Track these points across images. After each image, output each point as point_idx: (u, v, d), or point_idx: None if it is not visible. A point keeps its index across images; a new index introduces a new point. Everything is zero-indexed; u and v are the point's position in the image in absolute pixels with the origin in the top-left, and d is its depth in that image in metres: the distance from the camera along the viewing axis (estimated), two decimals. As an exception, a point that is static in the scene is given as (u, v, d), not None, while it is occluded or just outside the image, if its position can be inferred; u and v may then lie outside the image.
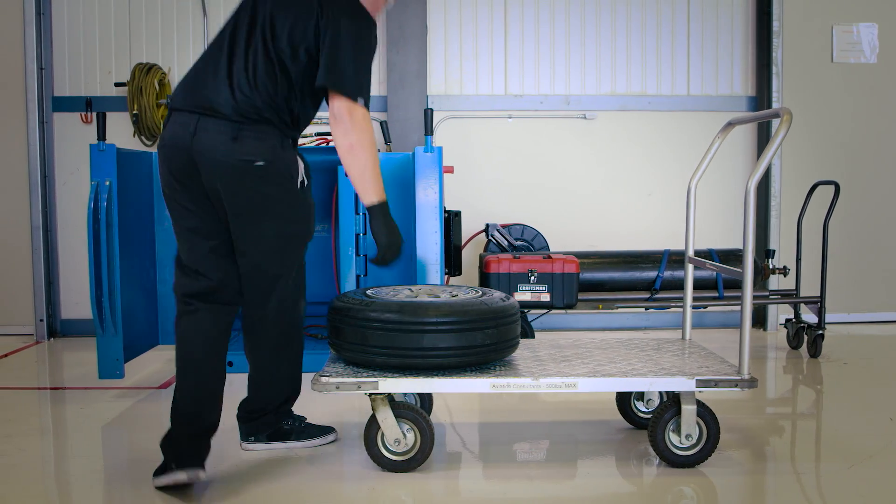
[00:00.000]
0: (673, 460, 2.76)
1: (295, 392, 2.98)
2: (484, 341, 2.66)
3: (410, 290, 2.94)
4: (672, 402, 2.75)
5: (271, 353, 2.83)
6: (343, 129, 2.53)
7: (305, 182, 2.68)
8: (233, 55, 2.56)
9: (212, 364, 2.63)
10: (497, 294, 2.84)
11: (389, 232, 2.67)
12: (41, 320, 5.19)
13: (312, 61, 2.56)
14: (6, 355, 4.73)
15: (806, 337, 4.64)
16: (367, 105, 2.54)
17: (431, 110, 3.85)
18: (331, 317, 2.78)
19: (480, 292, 2.87)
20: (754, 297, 4.57)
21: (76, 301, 5.32)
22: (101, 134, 3.70)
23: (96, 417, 3.44)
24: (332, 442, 3.02)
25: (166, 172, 2.61)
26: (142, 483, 2.69)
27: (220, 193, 2.53)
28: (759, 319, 5.51)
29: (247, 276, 2.66)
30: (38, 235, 5.16)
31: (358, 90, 2.53)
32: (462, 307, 2.67)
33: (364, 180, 2.62)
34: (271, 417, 2.93)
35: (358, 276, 4.13)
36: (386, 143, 5.00)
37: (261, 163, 2.51)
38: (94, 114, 3.80)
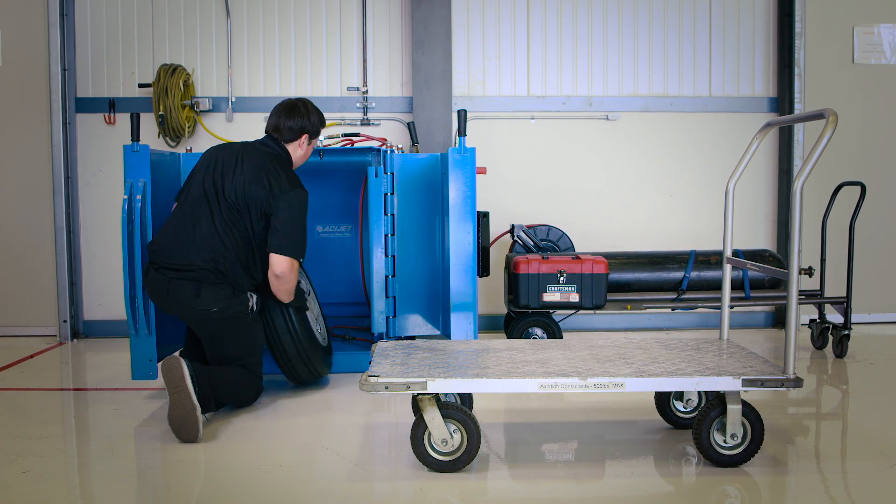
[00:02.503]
0: (717, 459, 2.77)
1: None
2: None
3: None
4: (717, 401, 2.76)
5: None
6: (283, 282, 3.45)
7: (255, 308, 3.45)
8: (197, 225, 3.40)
9: None
10: None
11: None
12: (64, 321, 5.19)
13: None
14: (31, 356, 4.74)
15: (831, 337, 4.65)
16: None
17: (465, 111, 3.86)
18: None
19: None
20: (780, 298, 4.60)
21: (99, 302, 5.33)
22: (136, 134, 3.71)
23: (131, 418, 3.45)
24: None
25: None
26: (180, 482, 2.70)
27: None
28: (781, 320, 5.53)
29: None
30: (62, 236, 5.16)
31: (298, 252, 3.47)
32: None
33: (288, 299, 3.59)
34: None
35: (386, 277, 4.14)
36: (413, 145, 5.01)
37: (215, 310, 3.32)
38: (129, 115, 3.79)
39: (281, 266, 3.39)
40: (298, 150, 3.62)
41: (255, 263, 3.46)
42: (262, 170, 3.41)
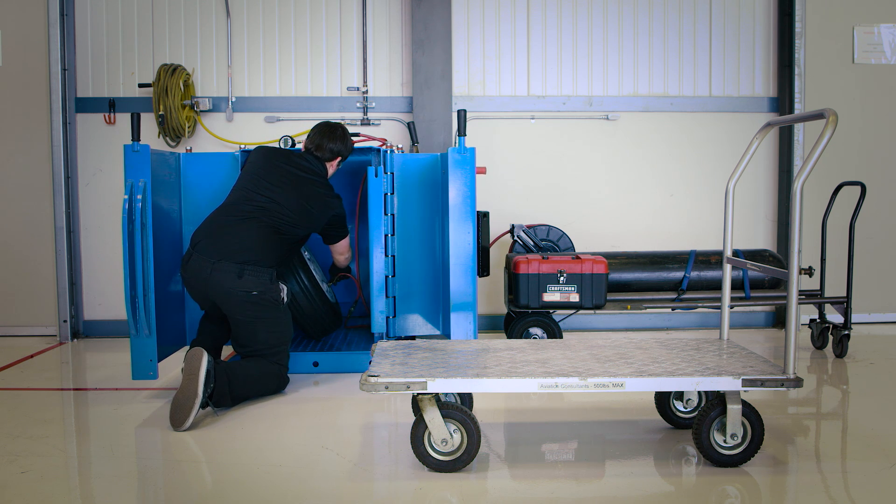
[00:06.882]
0: (717, 459, 2.77)
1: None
2: None
3: None
4: (717, 401, 2.76)
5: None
6: (346, 257, 4.27)
7: (286, 299, 3.77)
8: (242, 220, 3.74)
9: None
10: None
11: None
12: (64, 321, 5.19)
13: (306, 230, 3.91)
14: (32, 356, 4.74)
15: (831, 337, 4.65)
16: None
17: (465, 111, 3.86)
18: None
19: None
20: (780, 298, 4.61)
21: (99, 302, 5.33)
22: (136, 134, 3.71)
23: (131, 418, 3.45)
24: None
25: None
26: (180, 482, 2.70)
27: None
28: (781, 320, 5.53)
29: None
30: (62, 237, 5.16)
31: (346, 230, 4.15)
32: None
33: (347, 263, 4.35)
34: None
35: (387, 277, 4.15)
36: (413, 145, 5.01)
37: (255, 292, 3.62)
38: (129, 115, 3.81)
39: (343, 247, 4.18)
40: (330, 170, 4.04)
41: (287, 251, 3.86)
42: (320, 199, 3.88)
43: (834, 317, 5.28)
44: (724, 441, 2.77)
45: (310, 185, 3.87)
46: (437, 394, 2.71)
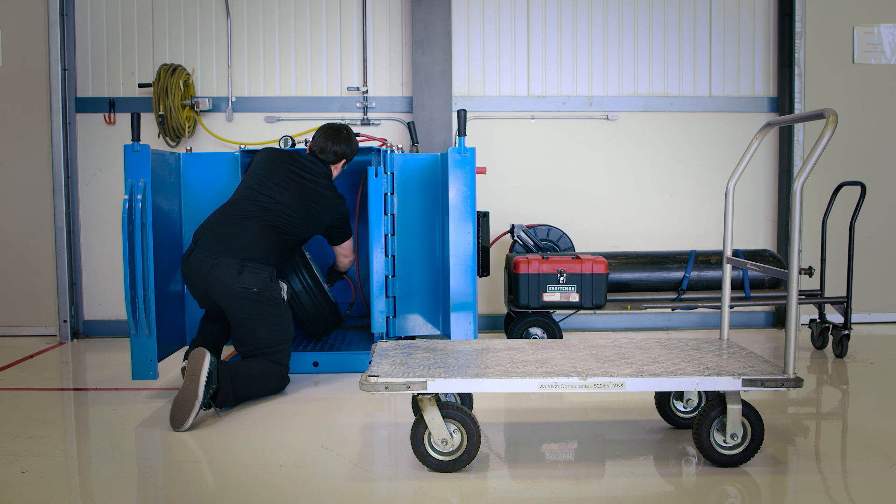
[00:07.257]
0: (717, 459, 2.77)
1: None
2: None
3: None
4: (717, 401, 2.76)
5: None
6: (350, 260, 4.35)
7: (286, 297, 3.77)
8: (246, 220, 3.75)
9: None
10: None
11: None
12: (64, 321, 5.19)
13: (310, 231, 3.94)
14: (31, 356, 4.74)
15: (831, 337, 4.65)
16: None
17: (465, 111, 3.86)
18: None
19: None
20: (780, 298, 4.61)
21: (99, 302, 5.33)
22: (136, 134, 3.71)
23: (131, 418, 3.45)
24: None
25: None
26: (180, 482, 2.70)
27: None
28: (781, 320, 5.53)
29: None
30: (62, 237, 5.16)
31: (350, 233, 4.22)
32: None
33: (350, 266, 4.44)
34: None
35: (387, 277, 4.15)
36: (413, 145, 5.01)
37: (255, 289, 3.62)
38: (129, 115, 3.81)
39: (347, 248, 4.26)
40: (335, 171, 4.08)
41: (287, 252, 3.90)
42: (325, 201, 3.93)
43: (834, 317, 5.28)
44: (724, 441, 2.77)
45: (314, 186, 3.90)
46: (437, 394, 2.71)
